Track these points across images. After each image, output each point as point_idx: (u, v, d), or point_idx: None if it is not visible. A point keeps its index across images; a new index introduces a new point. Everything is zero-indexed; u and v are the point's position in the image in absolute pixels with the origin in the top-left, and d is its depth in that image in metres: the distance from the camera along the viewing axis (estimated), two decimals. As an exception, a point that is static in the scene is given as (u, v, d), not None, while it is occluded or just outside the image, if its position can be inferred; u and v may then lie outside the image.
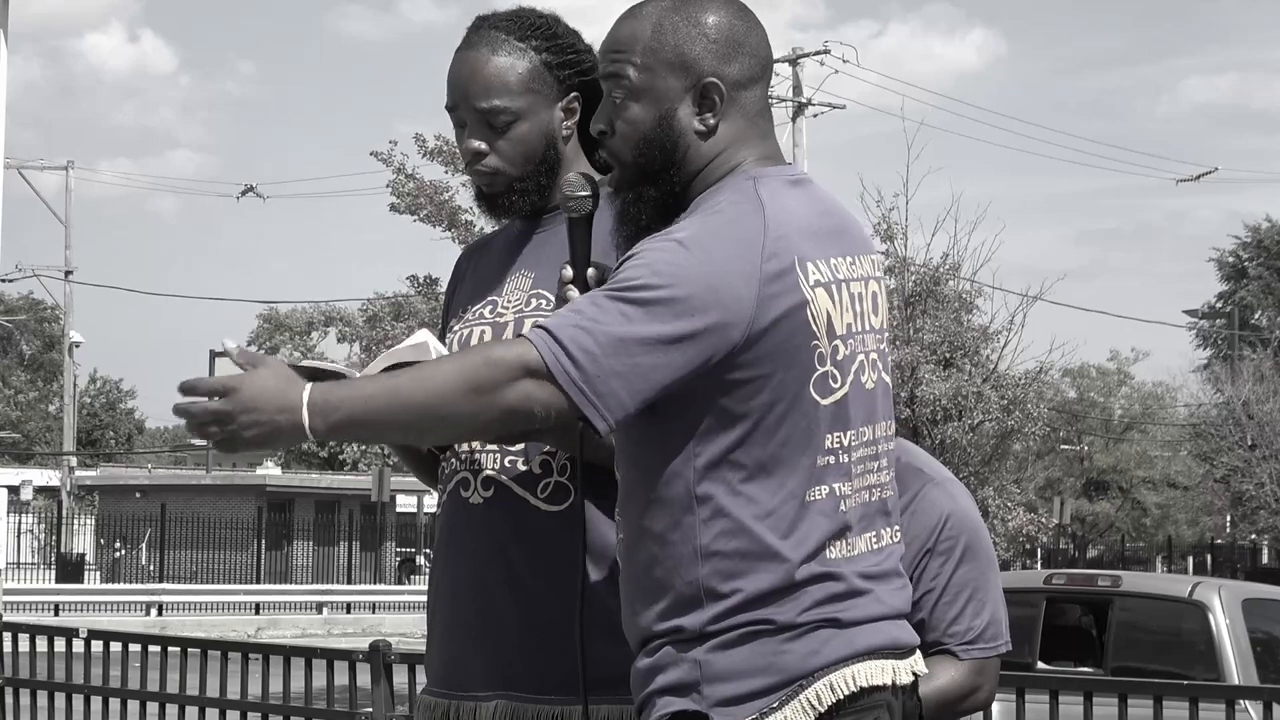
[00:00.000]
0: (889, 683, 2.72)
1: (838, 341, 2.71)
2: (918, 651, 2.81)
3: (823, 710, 2.65)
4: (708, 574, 2.67)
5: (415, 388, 2.62)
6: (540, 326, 2.65)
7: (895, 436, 2.89)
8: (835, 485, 2.70)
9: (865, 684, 2.68)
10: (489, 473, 3.12)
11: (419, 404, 2.61)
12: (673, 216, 2.81)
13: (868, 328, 2.78)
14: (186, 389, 2.62)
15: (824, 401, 2.69)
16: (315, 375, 3.04)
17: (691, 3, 2.80)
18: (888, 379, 2.83)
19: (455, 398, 2.61)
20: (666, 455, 2.69)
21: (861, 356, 2.76)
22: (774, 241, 2.67)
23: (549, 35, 3.20)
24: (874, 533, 2.76)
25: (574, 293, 2.90)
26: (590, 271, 2.94)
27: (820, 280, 2.70)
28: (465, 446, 3.14)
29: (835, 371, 2.71)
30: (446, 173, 20.06)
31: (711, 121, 2.79)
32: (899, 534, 2.82)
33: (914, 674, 2.78)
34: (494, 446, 3.12)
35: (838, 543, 2.70)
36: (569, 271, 2.95)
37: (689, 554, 2.68)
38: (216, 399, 2.61)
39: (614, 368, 2.61)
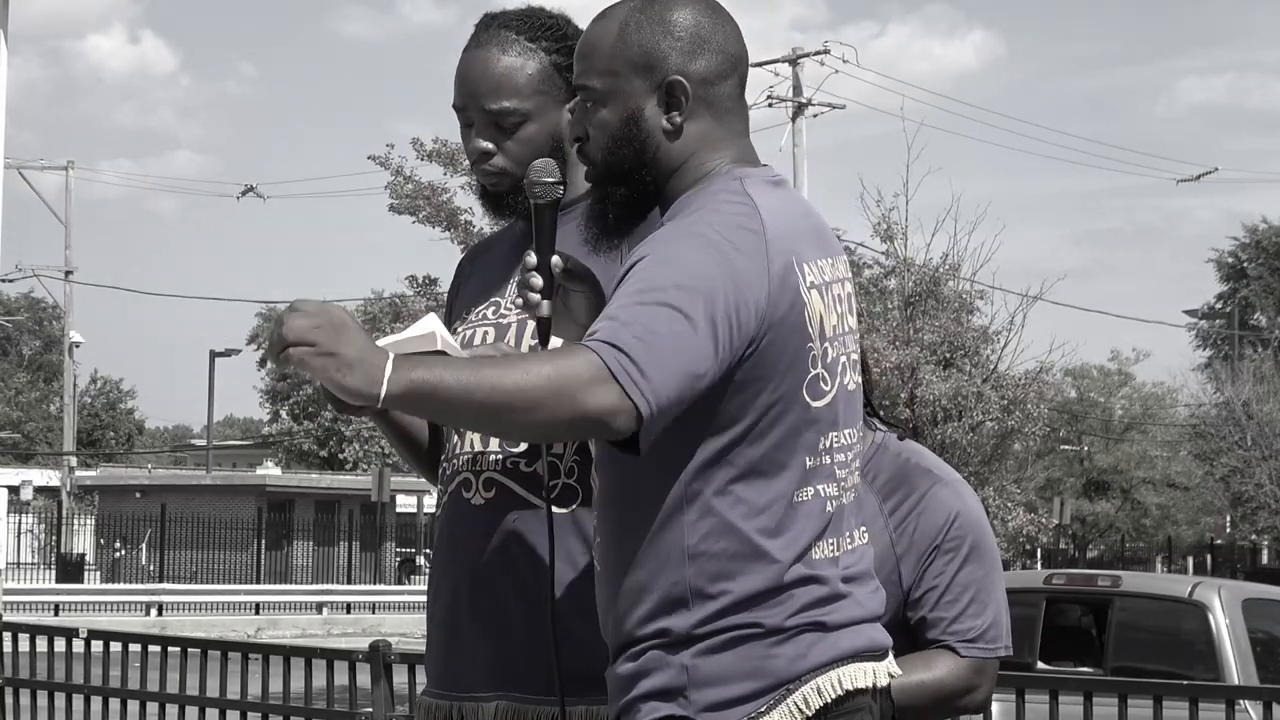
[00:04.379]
0: (871, 685, 2.71)
1: (827, 344, 2.70)
2: (890, 654, 2.81)
3: (810, 714, 2.63)
4: (694, 574, 2.64)
5: (500, 375, 2.48)
6: (602, 340, 2.50)
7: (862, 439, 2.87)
8: (821, 487, 2.69)
9: (850, 687, 2.67)
10: (491, 474, 3.10)
11: (503, 392, 2.46)
12: (642, 215, 2.80)
13: (847, 329, 2.77)
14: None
15: (816, 404, 2.68)
16: None
17: (658, 1, 2.78)
18: (859, 380, 2.82)
19: (538, 393, 2.46)
20: (660, 455, 2.62)
21: (844, 359, 2.75)
22: (773, 242, 2.64)
23: (559, 36, 3.18)
24: (849, 534, 2.75)
25: (537, 280, 2.85)
26: (554, 259, 2.88)
27: (814, 282, 2.69)
28: (466, 447, 3.14)
29: (825, 374, 2.70)
30: (445, 174, 20.05)
31: (678, 120, 2.76)
32: (866, 535, 2.82)
33: (890, 676, 2.78)
34: (496, 448, 3.10)
35: (821, 544, 2.69)
36: (533, 259, 2.88)
37: (676, 554, 2.65)
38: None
39: (672, 383, 2.51)
